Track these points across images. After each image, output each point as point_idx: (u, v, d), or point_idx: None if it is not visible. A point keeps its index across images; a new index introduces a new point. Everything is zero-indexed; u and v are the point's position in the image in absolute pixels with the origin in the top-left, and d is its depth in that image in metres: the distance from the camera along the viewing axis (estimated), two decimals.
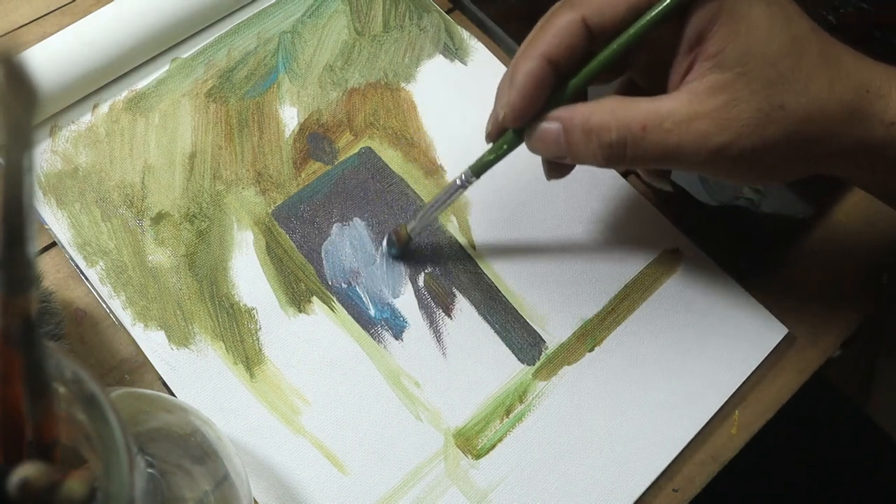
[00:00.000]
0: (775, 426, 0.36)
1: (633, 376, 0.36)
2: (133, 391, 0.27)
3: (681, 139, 0.27)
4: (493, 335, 0.36)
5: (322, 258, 0.37)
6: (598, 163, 0.29)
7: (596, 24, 0.28)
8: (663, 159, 0.28)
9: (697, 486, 0.34)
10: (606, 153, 0.29)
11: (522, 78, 0.29)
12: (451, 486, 0.33)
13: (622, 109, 0.28)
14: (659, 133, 0.27)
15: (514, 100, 0.29)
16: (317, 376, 0.34)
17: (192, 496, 0.25)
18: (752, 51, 0.27)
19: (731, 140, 0.27)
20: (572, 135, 0.29)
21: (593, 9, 0.28)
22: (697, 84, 0.28)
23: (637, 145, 0.28)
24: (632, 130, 0.28)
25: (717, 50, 0.27)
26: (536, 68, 0.28)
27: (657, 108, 0.28)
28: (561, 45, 0.28)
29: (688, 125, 0.27)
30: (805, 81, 0.27)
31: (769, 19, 0.27)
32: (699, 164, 0.28)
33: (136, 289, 0.35)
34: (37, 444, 0.19)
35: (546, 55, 0.28)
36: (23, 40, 0.40)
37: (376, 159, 0.40)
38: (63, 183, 0.37)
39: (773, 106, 0.27)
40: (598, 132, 0.28)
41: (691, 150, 0.27)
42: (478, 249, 0.38)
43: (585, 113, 0.29)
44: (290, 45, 0.42)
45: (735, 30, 0.27)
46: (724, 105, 0.27)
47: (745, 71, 0.27)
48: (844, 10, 0.46)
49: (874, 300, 0.40)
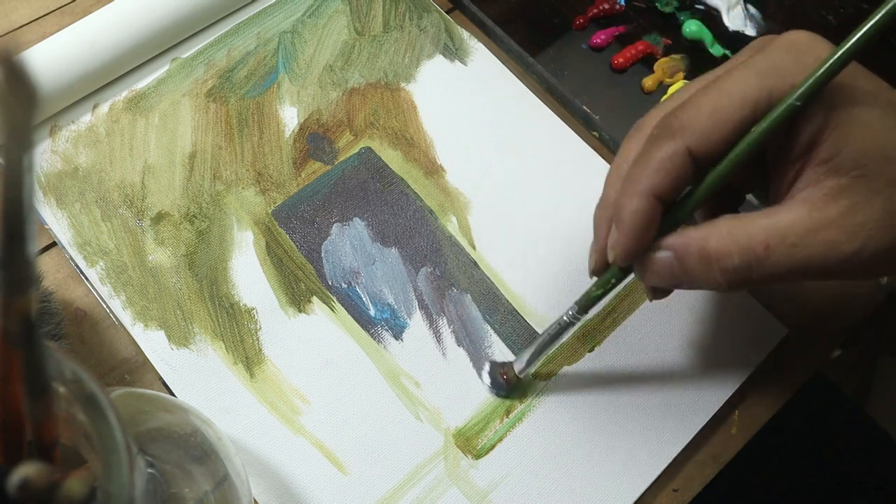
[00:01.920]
0: (775, 426, 0.36)
1: (632, 376, 0.36)
2: (133, 391, 0.27)
3: (808, 253, 0.26)
4: (493, 335, 0.36)
5: (322, 258, 0.37)
6: (719, 288, 0.27)
7: (702, 152, 0.26)
8: (792, 275, 0.26)
9: (697, 486, 0.34)
10: (730, 279, 0.27)
11: (631, 218, 0.27)
12: (451, 486, 0.33)
13: (740, 230, 0.26)
14: (784, 249, 0.26)
15: (625, 241, 0.28)
16: (317, 376, 0.34)
17: (192, 496, 0.25)
18: (869, 151, 0.25)
19: (861, 245, 0.26)
20: (688, 263, 0.27)
21: (698, 137, 0.26)
22: (814, 192, 0.26)
23: (762, 266, 0.26)
24: (755, 252, 0.26)
25: (831, 155, 0.26)
26: (645, 207, 0.27)
27: (776, 223, 0.26)
28: (668, 181, 0.27)
29: (814, 237, 0.26)
30: None
31: (881, 118, 0.26)
32: (829, 273, 0.27)
33: (136, 289, 0.35)
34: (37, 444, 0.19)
35: (653, 192, 0.27)
36: (23, 40, 0.40)
37: (376, 159, 0.40)
38: (63, 183, 0.37)
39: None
40: (717, 258, 0.27)
41: (820, 261, 0.26)
42: (478, 249, 0.38)
43: (700, 239, 0.27)
44: (290, 45, 0.42)
45: (848, 132, 0.26)
46: (848, 211, 0.25)
47: (864, 173, 0.25)
48: (844, 10, 0.46)
49: (874, 300, 0.40)
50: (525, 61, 0.43)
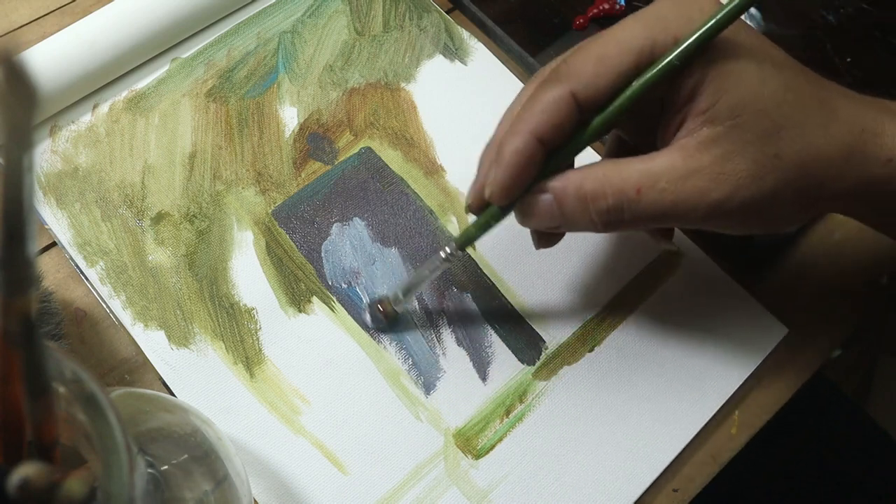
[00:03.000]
0: (775, 426, 0.36)
1: (632, 376, 0.36)
2: (133, 391, 0.27)
3: (677, 197, 0.27)
4: (493, 335, 0.36)
5: (322, 258, 0.37)
6: (595, 229, 0.29)
7: (585, 98, 0.27)
8: (662, 219, 0.28)
9: (697, 486, 0.34)
10: (604, 219, 0.28)
11: (510, 156, 0.28)
12: (451, 486, 0.33)
13: (615, 173, 0.27)
14: (655, 193, 0.27)
15: (502, 178, 0.28)
16: (317, 376, 0.34)
17: (192, 496, 0.25)
18: (744, 102, 0.26)
19: (728, 194, 0.27)
20: (566, 204, 0.28)
21: (582, 83, 0.27)
22: (690, 140, 0.27)
23: (634, 208, 0.27)
24: (627, 194, 0.27)
25: (709, 105, 0.26)
26: (525, 146, 0.27)
27: (650, 168, 0.27)
28: (549, 122, 0.27)
29: (683, 182, 0.27)
30: (799, 128, 0.27)
31: (758, 70, 0.26)
32: (698, 220, 0.27)
33: (136, 289, 0.35)
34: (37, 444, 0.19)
35: (534, 132, 0.27)
36: (23, 40, 0.40)
37: (376, 159, 0.40)
38: (63, 183, 0.37)
39: (769, 155, 0.26)
40: (592, 199, 0.27)
41: (689, 207, 0.27)
42: (478, 250, 0.38)
43: (577, 181, 0.28)
44: (290, 45, 0.42)
45: (725, 84, 0.26)
46: (719, 159, 0.26)
47: (738, 123, 0.26)
48: (844, 10, 0.46)
49: (874, 300, 0.40)
50: (525, 61, 0.43)
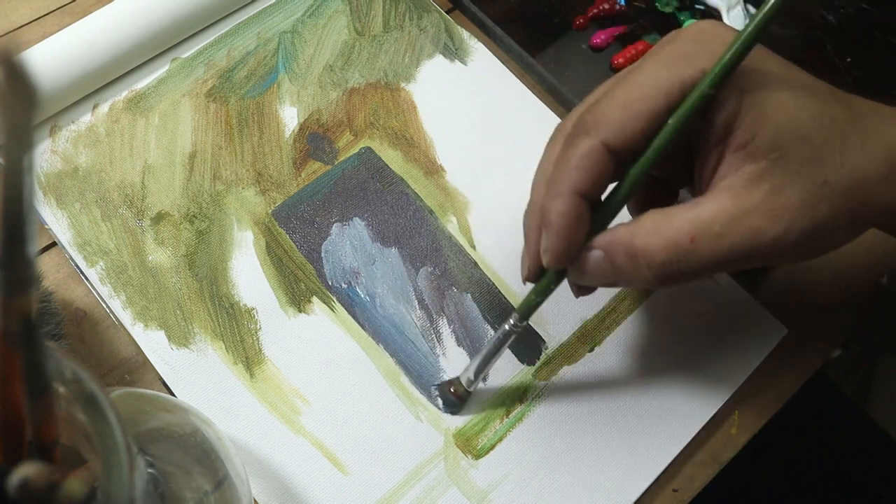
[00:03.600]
0: (775, 426, 0.36)
1: (632, 376, 0.36)
2: (133, 391, 0.27)
3: (734, 241, 0.26)
4: (493, 335, 0.36)
5: (322, 258, 0.37)
6: (651, 285, 0.27)
7: (617, 146, 0.26)
8: (720, 265, 0.26)
9: (697, 486, 0.34)
10: (658, 274, 0.27)
11: (558, 219, 0.27)
12: (451, 486, 0.33)
13: (665, 225, 0.26)
14: (710, 240, 0.26)
15: (555, 244, 0.27)
16: (317, 376, 0.34)
17: (192, 496, 0.25)
18: (783, 132, 0.25)
19: (786, 229, 0.26)
20: (617, 261, 0.27)
21: (612, 130, 0.26)
22: (734, 179, 0.26)
23: (690, 259, 0.26)
24: (680, 245, 0.26)
25: (747, 140, 0.26)
26: (570, 207, 0.27)
27: (700, 214, 0.26)
28: (588, 177, 0.27)
29: (738, 224, 0.26)
30: (841, 151, 0.26)
31: (792, 97, 0.26)
32: (758, 259, 0.27)
33: (136, 289, 0.35)
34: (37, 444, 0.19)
35: (576, 190, 0.27)
36: (23, 40, 0.40)
37: (376, 159, 0.40)
38: (63, 183, 0.37)
39: (818, 184, 0.26)
40: (644, 255, 0.26)
41: (747, 248, 0.26)
42: (478, 249, 0.38)
43: (626, 236, 0.27)
44: (290, 45, 0.42)
45: (761, 115, 0.26)
46: (770, 195, 0.26)
47: (781, 155, 0.25)
48: (844, 10, 0.46)
49: (874, 300, 0.40)
50: (525, 61, 0.43)
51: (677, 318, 0.37)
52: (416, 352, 0.35)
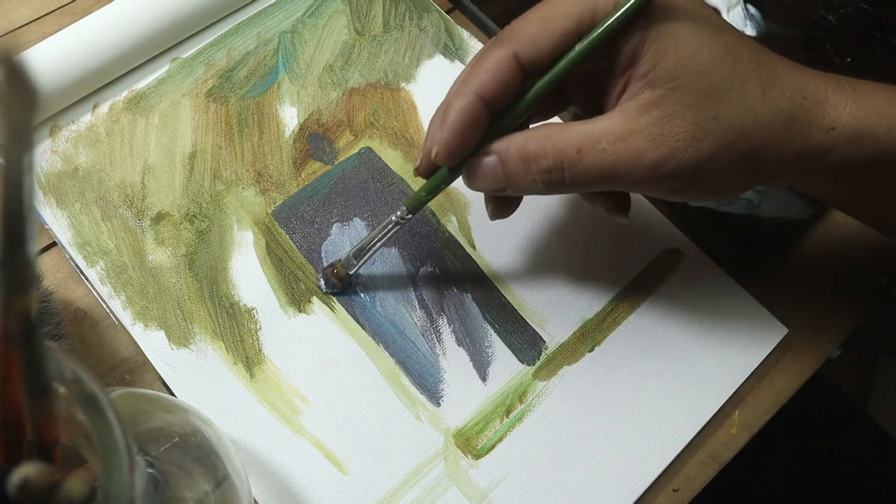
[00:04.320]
0: (775, 426, 0.36)
1: (632, 377, 0.36)
2: (133, 391, 0.27)
3: (616, 158, 0.27)
4: (493, 335, 0.36)
5: (322, 258, 0.37)
6: (538, 190, 0.29)
7: (527, 58, 0.28)
8: (601, 180, 0.28)
9: (697, 486, 0.34)
10: (545, 178, 0.28)
11: (455, 115, 0.28)
12: (451, 486, 0.33)
13: (557, 134, 0.28)
14: (594, 154, 0.27)
15: (447, 137, 0.28)
16: (317, 376, 0.34)
17: (192, 496, 0.25)
18: (683, 65, 0.26)
19: (667, 155, 0.27)
20: (509, 165, 0.29)
21: (524, 43, 0.28)
22: (631, 103, 0.27)
23: (574, 168, 0.28)
24: (567, 154, 0.27)
25: (649, 69, 0.27)
26: (469, 105, 0.28)
27: (591, 129, 0.27)
28: (493, 82, 0.28)
29: (622, 143, 0.27)
30: (739, 91, 0.27)
31: (697, 33, 0.27)
32: (637, 182, 0.28)
33: (136, 289, 0.35)
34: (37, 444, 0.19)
35: (478, 92, 0.28)
36: (23, 40, 0.40)
37: (376, 159, 0.40)
38: (63, 183, 0.37)
39: (707, 118, 0.27)
40: (534, 159, 0.28)
41: (627, 167, 0.27)
42: (478, 249, 0.38)
43: (520, 141, 0.28)
44: (290, 45, 0.42)
45: (664, 47, 0.27)
46: (658, 120, 0.27)
47: (677, 85, 0.27)
48: (844, 10, 0.46)
49: (874, 300, 0.40)
50: None
51: (677, 318, 0.37)
52: (416, 352, 0.35)
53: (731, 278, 0.38)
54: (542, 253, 0.38)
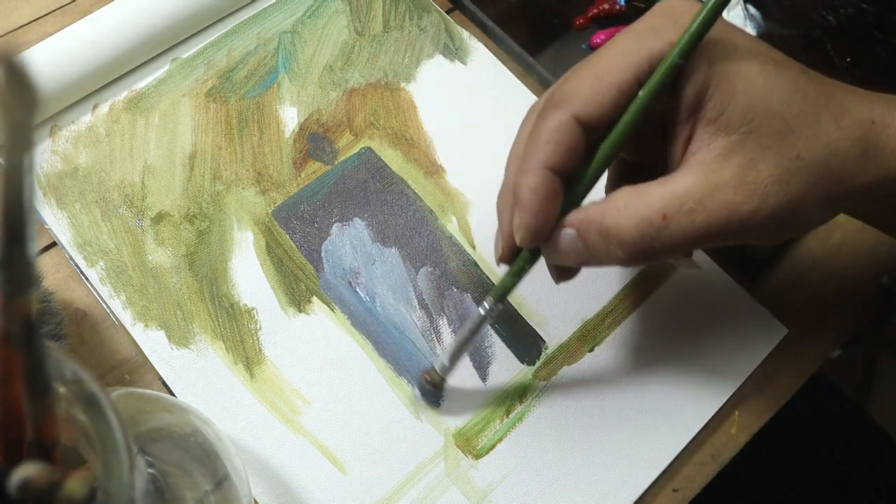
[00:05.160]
0: (775, 426, 0.36)
1: (632, 376, 0.36)
2: (133, 391, 0.27)
3: (707, 217, 0.25)
4: (493, 335, 0.36)
5: (322, 258, 0.37)
6: (623, 263, 0.27)
7: (588, 118, 0.26)
8: (694, 242, 0.26)
9: (697, 486, 0.34)
10: (630, 252, 0.26)
11: (529, 195, 0.27)
12: (451, 486, 0.33)
13: (636, 202, 0.26)
14: (682, 217, 0.25)
15: (528, 220, 0.27)
16: (317, 376, 0.34)
17: (192, 496, 0.25)
18: (754, 106, 0.25)
19: (759, 203, 0.25)
20: (589, 240, 0.27)
21: (582, 103, 0.26)
22: (706, 154, 0.26)
23: (662, 236, 0.26)
24: (652, 222, 0.26)
25: (718, 113, 0.25)
26: (542, 182, 0.26)
27: (673, 190, 0.26)
28: (559, 151, 0.26)
29: (711, 200, 0.25)
30: (814, 126, 0.26)
31: (762, 71, 0.26)
32: (731, 236, 0.26)
33: (136, 289, 0.35)
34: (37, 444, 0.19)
35: (546, 165, 0.26)
36: (23, 40, 0.40)
37: (376, 159, 0.40)
38: (63, 183, 0.37)
39: (790, 158, 0.25)
40: (616, 233, 0.26)
41: (720, 224, 0.25)
42: (478, 249, 0.38)
43: (597, 214, 0.26)
44: (290, 45, 0.42)
45: (731, 88, 0.25)
46: (742, 169, 0.25)
47: (752, 129, 0.25)
48: (844, 10, 0.46)
49: (874, 300, 0.40)
50: (525, 61, 0.43)
51: (677, 318, 0.37)
52: (416, 352, 0.35)
53: (731, 278, 0.38)
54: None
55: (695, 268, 0.31)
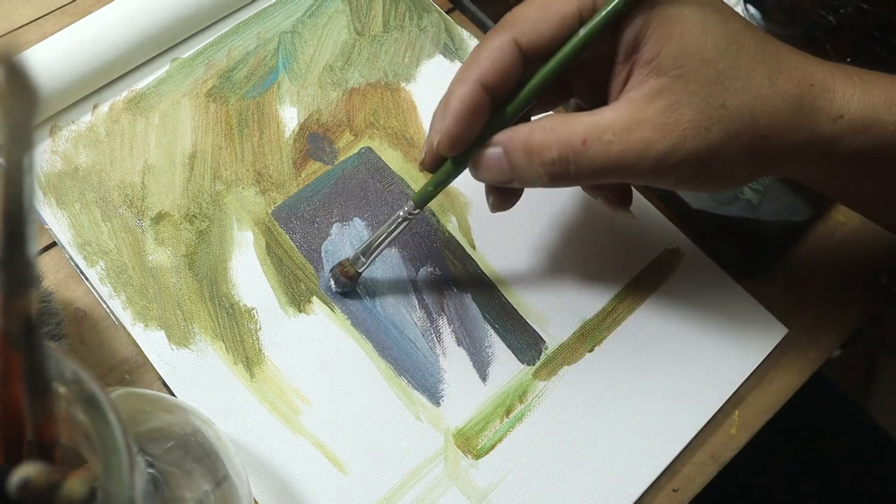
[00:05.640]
0: (775, 426, 0.36)
1: (632, 377, 0.36)
2: (133, 391, 0.27)
3: (623, 149, 0.26)
4: (493, 335, 0.36)
5: (322, 258, 0.37)
6: (543, 183, 0.28)
7: (528, 44, 0.27)
8: (607, 172, 0.27)
9: (697, 486, 0.34)
10: (549, 171, 0.28)
11: (456, 103, 0.28)
12: (451, 486, 0.33)
13: (562, 125, 0.27)
14: (600, 145, 0.27)
15: (449, 126, 0.28)
16: (317, 376, 0.34)
17: (192, 496, 0.25)
18: (687, 52, 0.26)
19: (674, 144, 0.26)
20: (514, 157, 0.28)
21: (524, 29, 0.27)
22: (636, 92, 0.27)
23: (579, 160, 0.27)
24: (572, 145, 0.27)
25: (652, 56, 0.26)
26: (470, 93, 0.27)
27: (597, 120, 0.27)
28: (494, 68, 0.27)
29: (629, 134, 0.26)
30: (745, 78, 0.26)
31: (702, 19, 0.26)
32: (645, 173, 0.27)
33: (136, 289, 0.35)
34: (37, 444, 0.19)
35: (479, 79, 0.27)
36: (23, 40, 0.40)
37: (376, 159, 0.40)
38: (63, 183, 0.37)
39: (714, 105, 0.26)
40: (538, 151, 0.27)
41: (635, 158, 0.27)
42: (478, 249, 0.38)
43: (525, 133, 0.28)
44: (290, 45, 0.42)
45: (668, 33, 0.26)
46: (664, 109, 0.26)
47: (682, 73, 0.26)
48: (844, 10, 0.46)
49: (874, 300, 0.40)
50: None
51: (677, 318, 0.37)
52: (416, 352, 0.35)
53: (731, 278, 0.38)
54: (543, 253, 0.38)
55: (630, 218, 0.32)
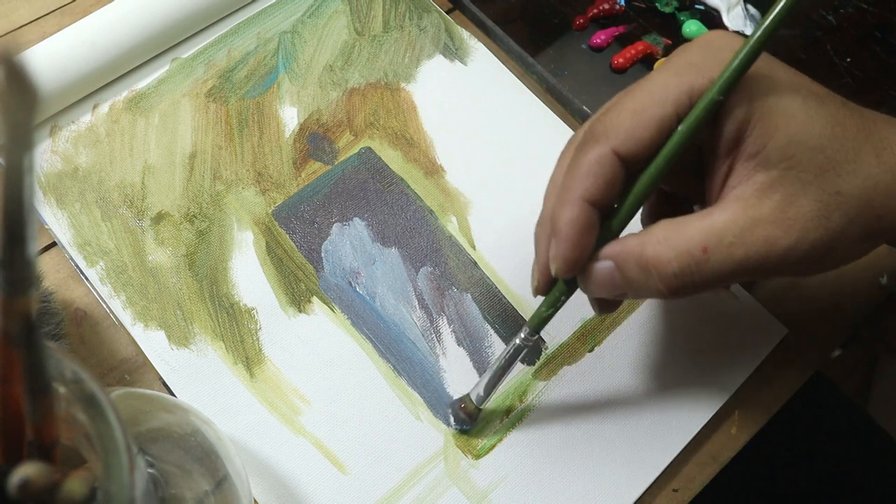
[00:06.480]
0: (775, 426, 0.36)
1: (632, 376, 0.36)
2: (133, 391, 0.27)
3: (747, 250, 0.25)
4: (493, 335, 0.36)
5: (322, 258, 0.37)
6: (662, 296, 0.27)
7: (627, 152, 0.26)
8: (732, 276, 0.26)
9: (697, 486, 0.34)
10: (670, 284, 0.26)
11: (567, 227, 0.27)
12: (451, 486, 0.33)
13: (676, 235, 0.26)
14: (722, 250, 0.25)
15: (565, 251, 0.27)
16: (317, 376, 0.34)
17: (192, 496, 0.25)
18: (795, 141, 0.25)
19: (798, 237, 0.25)
20: (628, 272, 0.27)
21: (622, 137, 0.26)
22: (745, 188, 0.26)
23: (703, 270, 0.26)
24: (693, 256, 0.26)
25: (758, 148, 0.25)
26: (579, 215, 0.26)
27: (712, 224, 0.26)
28: (598, 185, 0.26)
29: (750, 234, 0.25)
30: (854, 160, 0.26)
31: (803, 106, 0.26)
32: (770, 270, 0.26)
33: (136, 289, 0.35)
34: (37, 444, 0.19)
35: (584, 197, 0.26)
36: (23, 40, 0.40)
37: (376, 159, 0.40)
38: (63, 183, 0.37)
39: (830, 193, 0.25)
40: (656, 265, 0.26)
41: (760, 258, 0.25)
42: (478, 249, 0.38)
43: (636, 246, 0.26)
44: (290, 45, 0.42)
45: (773, 124, 0.25)
46: (781, 203, 0.25)
47: (793, 164, 0.25)
48: (844, 10, 0.46)
49: (874, 300, 0.40)
50: (525, 61, 0.43)
51: (677, 318, 0.37)
52: (416, 352, 0.35)
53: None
54: None
55: (733, 299, 0.31)
